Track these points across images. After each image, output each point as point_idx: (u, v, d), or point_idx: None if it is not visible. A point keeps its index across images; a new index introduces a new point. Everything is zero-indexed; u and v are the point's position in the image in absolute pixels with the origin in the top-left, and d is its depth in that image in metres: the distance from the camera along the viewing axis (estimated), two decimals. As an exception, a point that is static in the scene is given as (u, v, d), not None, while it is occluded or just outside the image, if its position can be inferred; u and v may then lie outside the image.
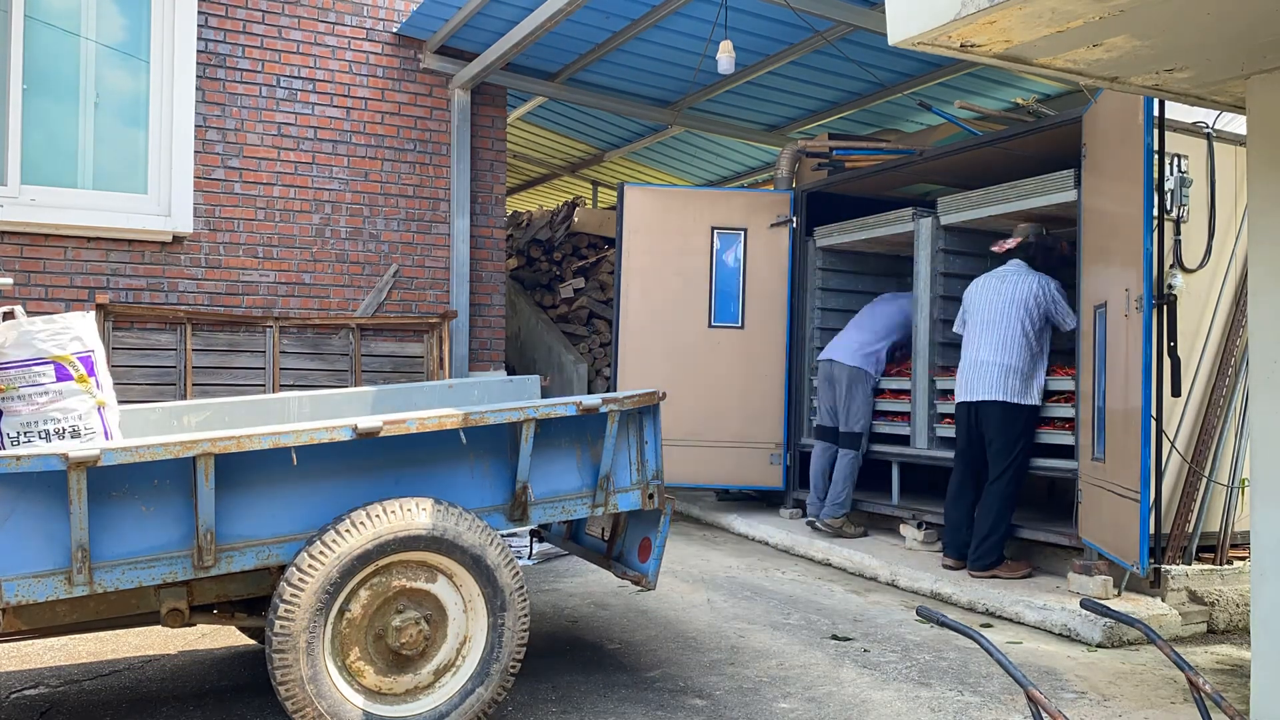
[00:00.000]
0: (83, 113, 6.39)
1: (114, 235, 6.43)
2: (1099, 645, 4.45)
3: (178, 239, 6.65)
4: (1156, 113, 4.48)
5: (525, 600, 3.28)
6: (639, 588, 3.98)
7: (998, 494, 5.32)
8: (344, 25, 7.21)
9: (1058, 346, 5.72)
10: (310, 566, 2.97)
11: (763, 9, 6.47)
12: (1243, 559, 4.93)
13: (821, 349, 7.01)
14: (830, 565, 6.11)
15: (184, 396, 6.45)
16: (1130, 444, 4.45)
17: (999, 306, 5.46)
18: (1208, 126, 4.97)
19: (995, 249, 5.68)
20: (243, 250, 6.87)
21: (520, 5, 6.58)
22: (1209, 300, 5.01)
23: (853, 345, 6.68)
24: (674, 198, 7.75)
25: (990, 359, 5.42)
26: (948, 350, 6.26)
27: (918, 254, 6.42)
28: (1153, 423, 4.44)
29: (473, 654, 3.23)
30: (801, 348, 7.42)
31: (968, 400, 5.52)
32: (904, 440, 6.49)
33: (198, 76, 6.70)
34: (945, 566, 5.56)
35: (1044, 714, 2.34)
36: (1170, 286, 4.76)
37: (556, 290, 10.22)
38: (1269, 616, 2.98)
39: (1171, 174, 4.83)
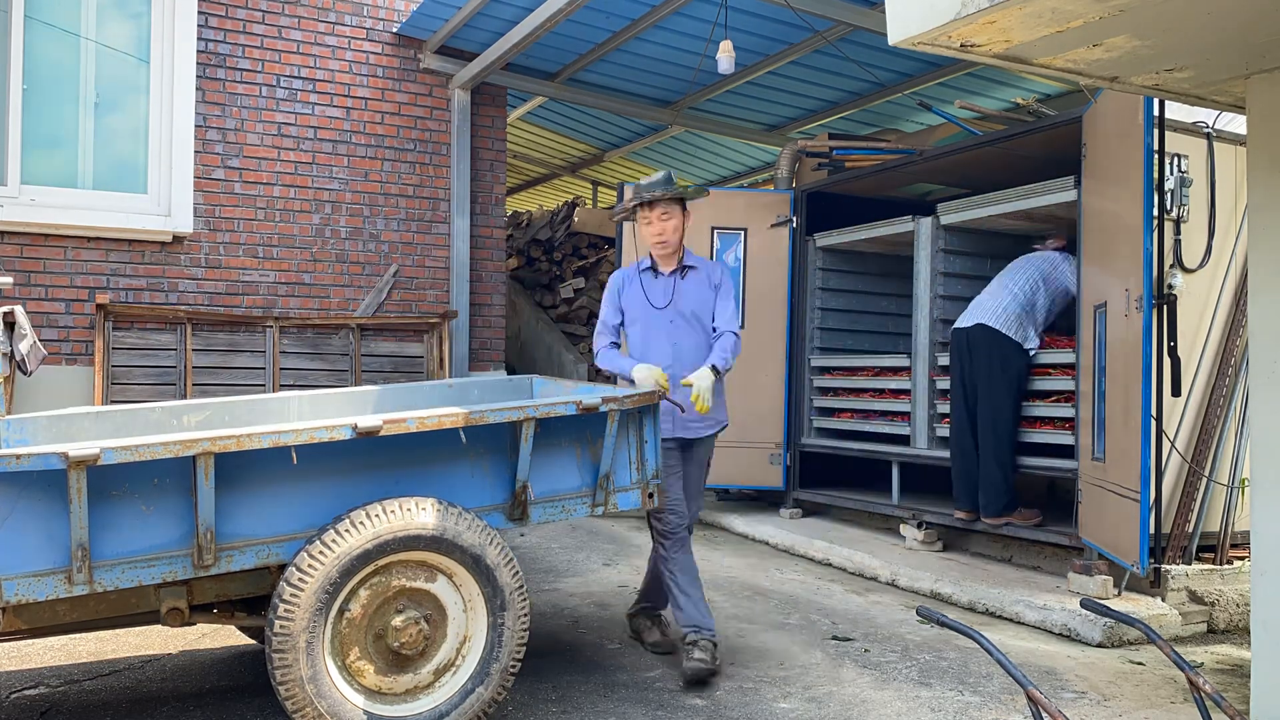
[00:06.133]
0: (83, 113, 6.39)
1: (114, 235, 6.43)
2: (1099, 645, 4.45)
3: (178, 239, 6.65)
4: (1156, 113, 4.48)
5: (525, 600, 3.28)
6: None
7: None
8: (344, 25, 7.21)
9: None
10: (310, 566, 2.97)
11: (763, 9, 6.47)
12: (1243, 559, 4.93)
13: (822, 349, 6.93)
14: (830, 565, 6.11)
15: (184, 396, 6.45)
16: (1130, 444, 4.45)
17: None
18: (1208, 126, 4.97)
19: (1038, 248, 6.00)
20: (243, 250, 6.87)
21: (520, 5, 6.58)
22: (1209, 300, 5.01)
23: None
24: (674, 198, 7.73)
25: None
26: (948, 350, 6.25)
27: (918, 254, 6.42)
28: (1153, 423, 4.44)
29: (473, 654, 3.23)
30: (801, 348, 7.41)
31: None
32: (904, 440, 6.49)
33: (198, 76, 6.70)
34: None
35: (1044, 714, 2.34)
36: (1170, 286, 4.76)
37: (556, 290, 10.22)
38: (1269, 616, 2.98)
39: (1171, 174, 4.83)
